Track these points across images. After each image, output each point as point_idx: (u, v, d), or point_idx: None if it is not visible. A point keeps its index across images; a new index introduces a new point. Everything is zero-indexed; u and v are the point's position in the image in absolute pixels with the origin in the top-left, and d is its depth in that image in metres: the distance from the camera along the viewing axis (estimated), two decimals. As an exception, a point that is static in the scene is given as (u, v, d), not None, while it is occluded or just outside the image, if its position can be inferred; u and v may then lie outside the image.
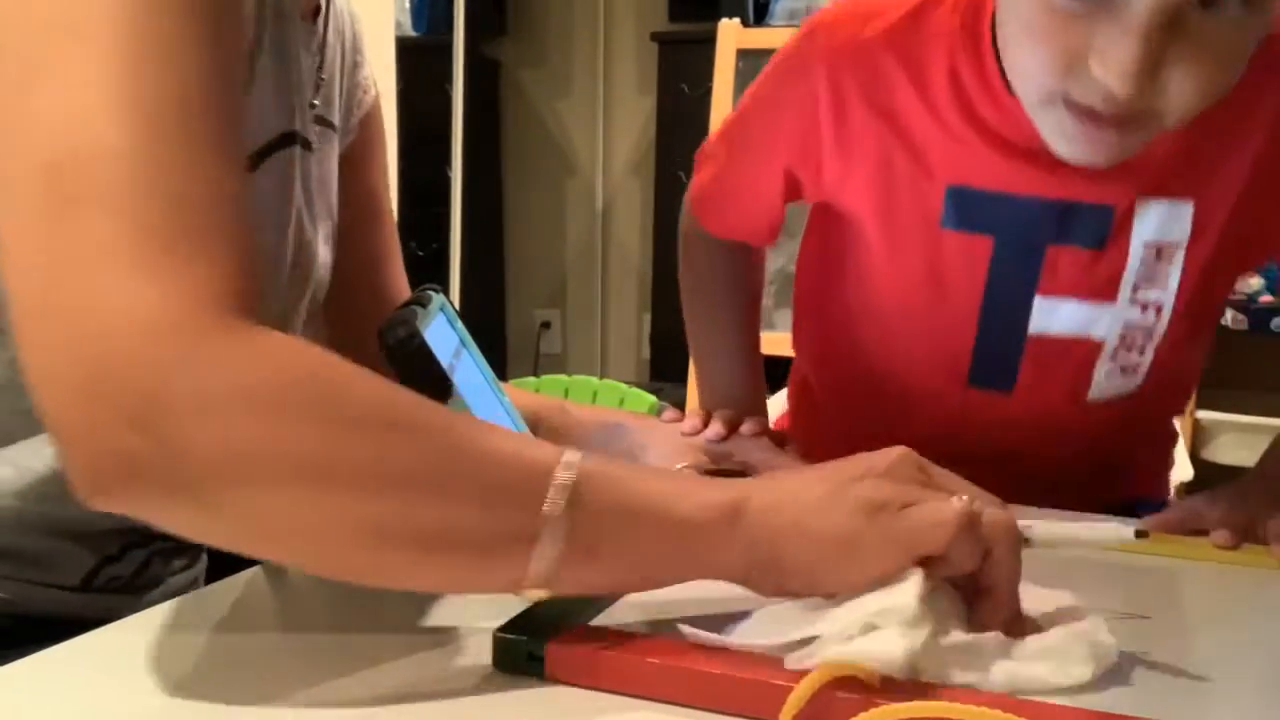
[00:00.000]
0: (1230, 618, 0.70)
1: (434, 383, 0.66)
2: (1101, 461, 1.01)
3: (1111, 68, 0.70)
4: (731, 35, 2.88)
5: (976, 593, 0.57)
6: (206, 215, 0.53)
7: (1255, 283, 3.03)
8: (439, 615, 0.61)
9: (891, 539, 0.55)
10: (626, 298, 4.23)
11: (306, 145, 0.80)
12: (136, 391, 0.48)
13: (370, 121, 0.97)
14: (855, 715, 0.47)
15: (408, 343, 0.65)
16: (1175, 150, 0.83)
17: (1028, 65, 0.77)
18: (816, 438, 1.08)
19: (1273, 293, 3.03)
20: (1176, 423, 1.12)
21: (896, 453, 0.59)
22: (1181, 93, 0.72)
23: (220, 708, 0.51)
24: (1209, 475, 2.40)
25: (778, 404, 1.21)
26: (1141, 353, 0.90)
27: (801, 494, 0.57)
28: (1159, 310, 0.88)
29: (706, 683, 0.51)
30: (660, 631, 0.57)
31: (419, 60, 3.28)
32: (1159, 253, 0.86)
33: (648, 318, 4.08)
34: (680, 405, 1.19)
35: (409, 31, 3.88)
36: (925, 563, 0.55)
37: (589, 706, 0.52)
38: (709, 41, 2.91)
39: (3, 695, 0.52)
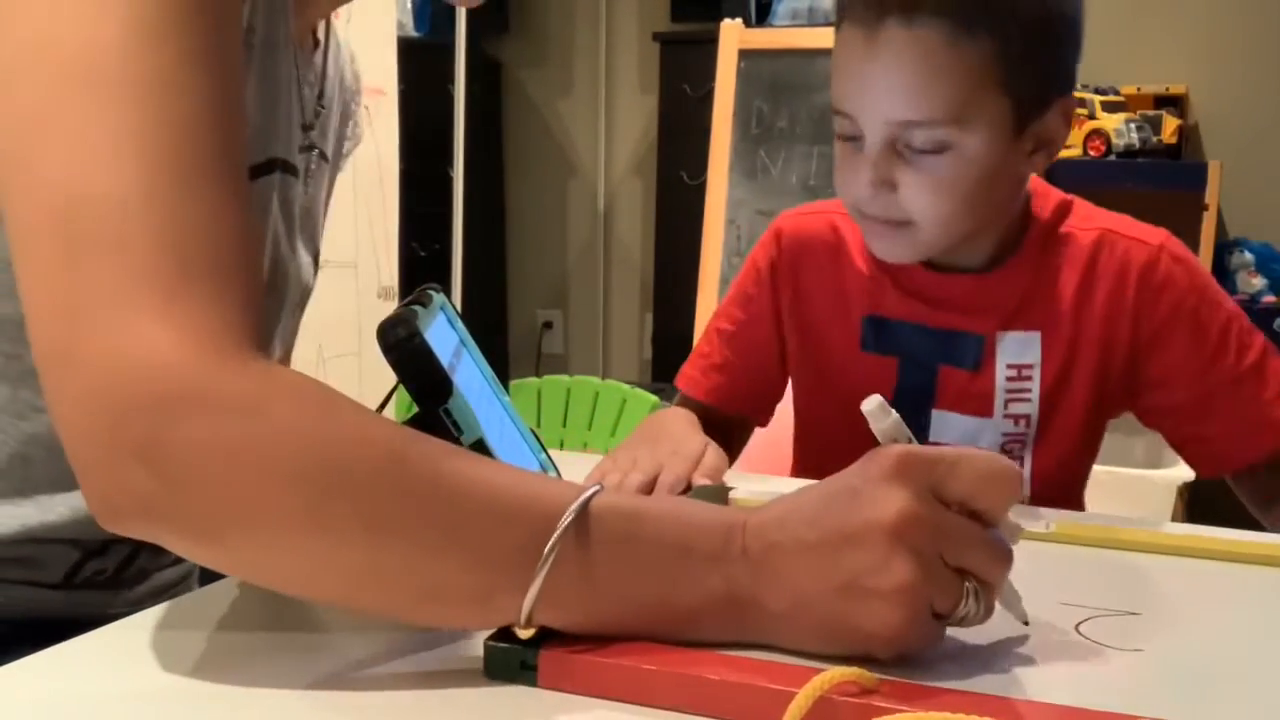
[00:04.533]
0: (1219, 613, 0.70)
1: (434, 383, 0.66)
2: None
3: (859, 176, 0.99)
4: (733, 35, 2.88)
5: None
6: (212, 254, 0.54)
7: (1257, 282, 3.03)
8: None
9: (852, 635, 0.54)
10: (628, 298, 4.22)
11: (291, 171, 0.80)
12: (146, 432, 0.51)
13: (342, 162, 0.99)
14: (857, 720, 0.47)
15: (408, 343, 0.65)
16: (1017, 298, 1.06)
17: (839, 191, 1.04)
18: None
19: (1275, 293, 3.03)
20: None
21: (903, 510, 0.53)
22: (915, 204, 0.98)
23: (213, 711, 0.51)
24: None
25: None
26: (1021, 465, 1.06)
27: (801, 537, 0.55)
28: (1028, 422, 1.06)
29: (705, 688, 0.51)
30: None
31: (421, 60, 3.27)
32: (1019, 372, 1.06)
33: (649, 318, 4.07)
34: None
35: (410, 32, 3.87)
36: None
37: (583, 715, 0.51)
38: (711, 42, 2.91)
39: (3, 695, 0.52)
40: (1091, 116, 3.02)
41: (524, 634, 0.53)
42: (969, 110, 0.95)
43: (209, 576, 0.88)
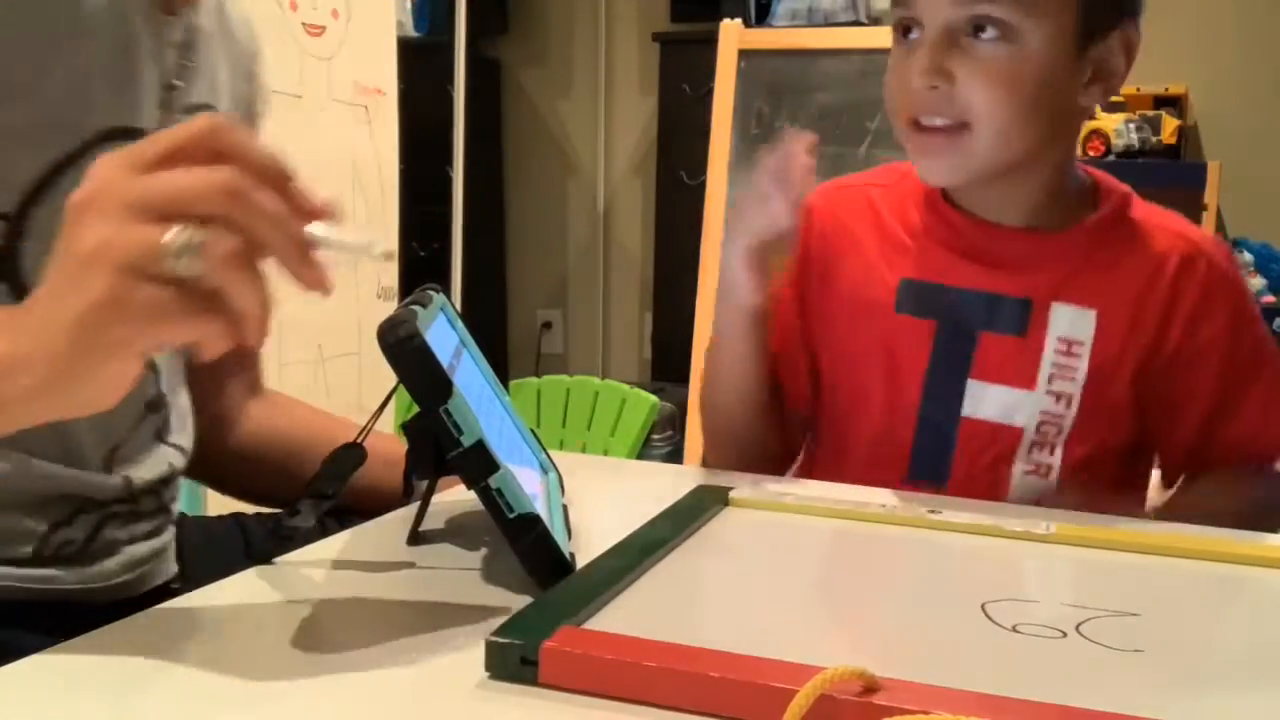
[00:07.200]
0: (1219, 613, 0.70)
1: (434, 383, 0.66)
2: None
3: (914, 70, 0.97)
4: (733, 35, 2.87)
5: None
6: None
7: (1257, 282, 3.03)
8: (431, 620, 0.60)
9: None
10: (628, 297, 4.22)
11: (135, 135, 0.78)
12: None
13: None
14: None
15: (408, 343, 0.65)
16: (1075, 264, 1.03)
17: (889, 103, 1.02)
18: None
19: (1275, 293, 3.03)
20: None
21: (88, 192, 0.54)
22: (972, 96, 0.96)
23: (213, 710, 0.51)
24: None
25: None
26: (1052, 452, 1.03)
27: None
28: (1069, 402, 1.02)
29: (705, 686, 0.51)
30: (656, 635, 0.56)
31: (420, 60, 3.27)
32: (1069, 347, 1.02)
33: (649, 317, 4.07)
34: (682, 405, 1.20)
35: (410, 31, 3.88)
36: None
37: (584, 712, 0.51)
38: (710, 42, 2.91)
39: (3, 695, 0.52)
40: (1091, 117, 3.03)
41: None
42: (1038, 1, 0.94)
43: (184, 552, 0.88)
